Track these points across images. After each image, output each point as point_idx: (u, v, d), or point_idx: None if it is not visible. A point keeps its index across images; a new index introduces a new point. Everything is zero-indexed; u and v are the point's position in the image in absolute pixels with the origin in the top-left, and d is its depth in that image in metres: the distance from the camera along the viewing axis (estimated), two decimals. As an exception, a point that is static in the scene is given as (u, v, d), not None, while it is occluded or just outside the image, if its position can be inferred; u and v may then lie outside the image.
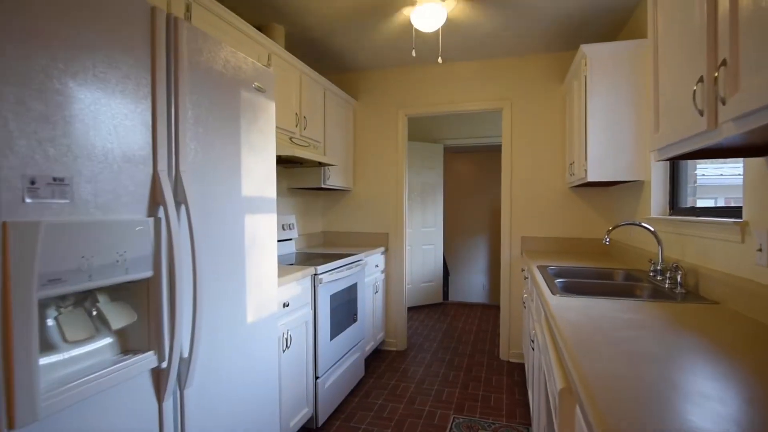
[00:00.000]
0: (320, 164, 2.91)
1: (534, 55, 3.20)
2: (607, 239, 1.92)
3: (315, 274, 2.23)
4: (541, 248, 3.20)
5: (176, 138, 1.11)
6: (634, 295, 1.82)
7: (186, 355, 1.14)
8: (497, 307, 5.18)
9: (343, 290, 2.58)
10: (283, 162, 2.69)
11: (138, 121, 1.01)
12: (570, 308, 1.37)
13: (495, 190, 6.29)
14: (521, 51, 3.14)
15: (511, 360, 3.30)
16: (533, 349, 1.99)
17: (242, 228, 1.35)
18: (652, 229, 1.87)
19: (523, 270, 3.11)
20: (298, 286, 2.06)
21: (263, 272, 1.48)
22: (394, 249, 3.54)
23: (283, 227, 2.90)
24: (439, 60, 2.17)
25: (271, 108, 1.52)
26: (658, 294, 1.70)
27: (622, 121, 2.36)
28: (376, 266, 3.32)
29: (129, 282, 1.01)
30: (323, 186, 3.08)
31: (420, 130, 5.15)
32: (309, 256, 2.79)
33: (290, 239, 3.03)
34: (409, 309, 5.00)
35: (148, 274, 1.03)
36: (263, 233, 1.47)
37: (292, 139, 2.58)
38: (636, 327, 1.16)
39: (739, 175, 2.63)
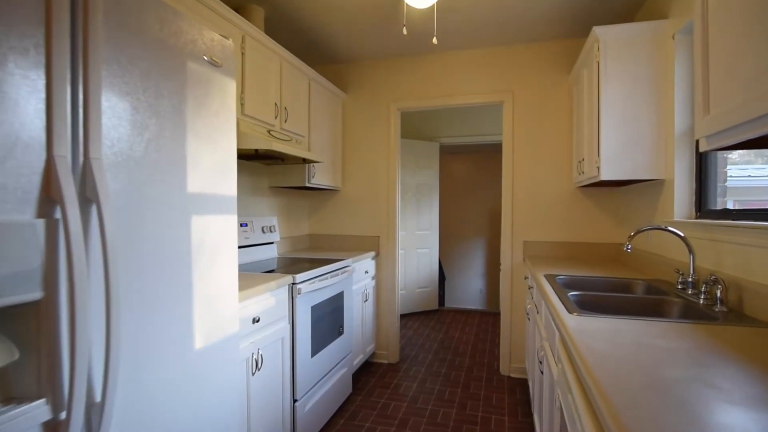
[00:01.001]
0: (304, 161, 2.65)
1: (538, 43, 2.95)
2: (629, 246, 1.66)
3: (293, 284, 1.96)
4: (545, 254, 2.95)
5: (85, 114, 0.84)
6: (664, 314, 1.56)
7: (98, 399, 0.86)
8: (495, 315, 4.93)
9: (326, 300, 2.31)
10: (261, 157, 2.42)
11: (24, 89, 0.75)
12: (593, 332, 1.11)
13: (493, 191, 6.06)
14: (524, 38, 2.89)
15: (513, 375, 3.04)
16: (542, 372, 1.73)
17: (187, 233, 1.08)
18: (682, 235, 1.61)
19: (526, 278, 2.85)
20: (271, 297, 1.79)
21: (218, 286, 1.21)
22: (386, 253, 3.27)
23: (263, 230, 2.63)
24: (434, 40, 1.91)
25: (229, 87, 1.25)
26: (693, 312, 1.44)
27: (641, 112, 2.11)
28: (366, 272, 3.05)
29: (10, 307, 0.74)
30: (308, 185, 2.81)
31: (414, 128, 4.89)
32: (292, 262, 2.52)
33: (271, 243, 2.76)
34: (403, 316, 4.74)
35: (36, 295, 0.76)
36: (218, 239, 1.20)
37: (271, 132, 2.31)
38: (685, 361, 0.90)
39: (749, 177, 2.39)
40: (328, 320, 2.34)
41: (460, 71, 3.11)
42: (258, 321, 1.66)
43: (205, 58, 1.14)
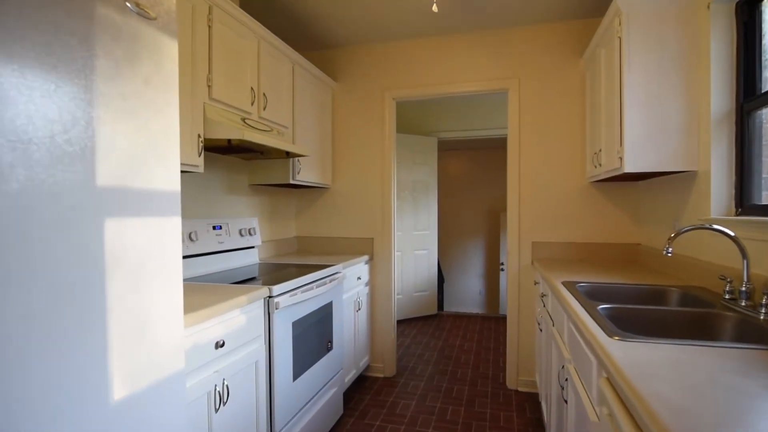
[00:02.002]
0: (288, 155, 2.36)
1: (546, 24, 2.68)
2: (670, 249, 1.38)
3: (269, 297, 1.67)
4: (555, 256, 2.67)
5: None
6: (720, 332, 1.29)
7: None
8: (497, 319, 4.66)
9: (312, 313, 2.02)
10: (236, 150, 2.13)
11: None
12: (650, 367, 0.83)
13: (492, 189, 5.83)
14: (531, 18, 2.61)
15: (521, 389, 2.76)
16: (566, 400, 1.45)
17: (98, 242, 0.79)
18: (733, 235, 1.34)
19: (536, 283, 2.58)
20: (241, 315, 1.50)
21: (151, 312, 0.92)
22: (381, 257, 2.99)
23: (240, 233, 2.34)
24: (434, 8, 1.63)
25: (168, 49, 0.96)
26: (758, 331, 1.16)
27: (670, 94, 1.83)
28: (359, 278, 2.76)
29: None
30: (293, 182, 2.52)
31: (411, 121, 4.61)
32: (274, 268, 2.23)
33: (252, 247, 2.47)
34: (400, 323, 4.45)
35: None
36: (150, 249, 0.91)
37: (246, 121, 2.02)
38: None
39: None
40: (314, 336, 2.05)
41: (460, 56, 2.83)
42: (222, 345, 1.37)
43: (129, 5, 0.85)
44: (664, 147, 1.84)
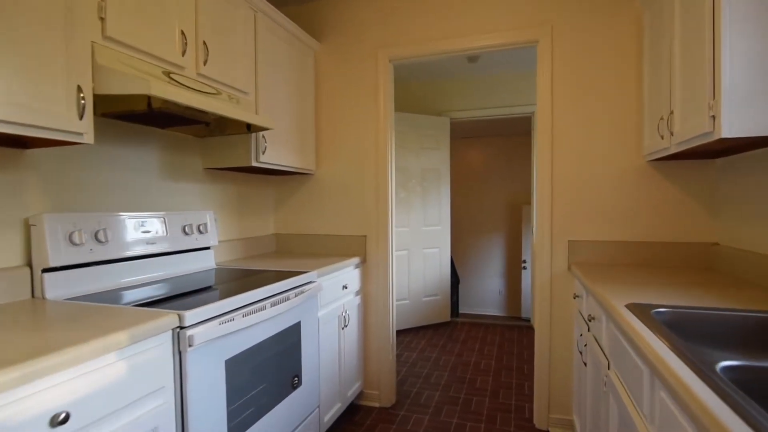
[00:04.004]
0: (250, 129, 1.81)
1: (588, -45, 2.03)
2: None
3: (179, 328, 1.11)
4: (601, 259, 2.04)
5: None
6: None
7: None
8: (519, 328, 4.03)
9: (263, 342, 1.47)
10: (168, 121, 1.58)
11: None
12: None
13: (512, 180, 5.20)
14: (569, -55, 1.97)
15: (553, 431, 2.15)
16: None
17: None
18: None
19: (576, 296, 1.96)
20: (119, 362, 0.95)
21: None
22: (375, 259, 2.41)
23: (185, 230, 1.80)
24: None
25: None
26: None
27: (799, 15, 1.19)
28: (344, 287, 2.19)
29: None
30: (256, 164, 1.96)
31: (419, 99, 4.00)
32: (238, 275, 1.69)
33: (205, 248, 1.93)
34: (407, 332, 3.88)
35: None
36: None
37: (172, 76, 1.46)
38: None
39: None
40: (269, 373, 1.50)
41: (476, 0, 2.21)
42: (66, 420, 0.82)
43: None
44: (789, 98, 1.19)
